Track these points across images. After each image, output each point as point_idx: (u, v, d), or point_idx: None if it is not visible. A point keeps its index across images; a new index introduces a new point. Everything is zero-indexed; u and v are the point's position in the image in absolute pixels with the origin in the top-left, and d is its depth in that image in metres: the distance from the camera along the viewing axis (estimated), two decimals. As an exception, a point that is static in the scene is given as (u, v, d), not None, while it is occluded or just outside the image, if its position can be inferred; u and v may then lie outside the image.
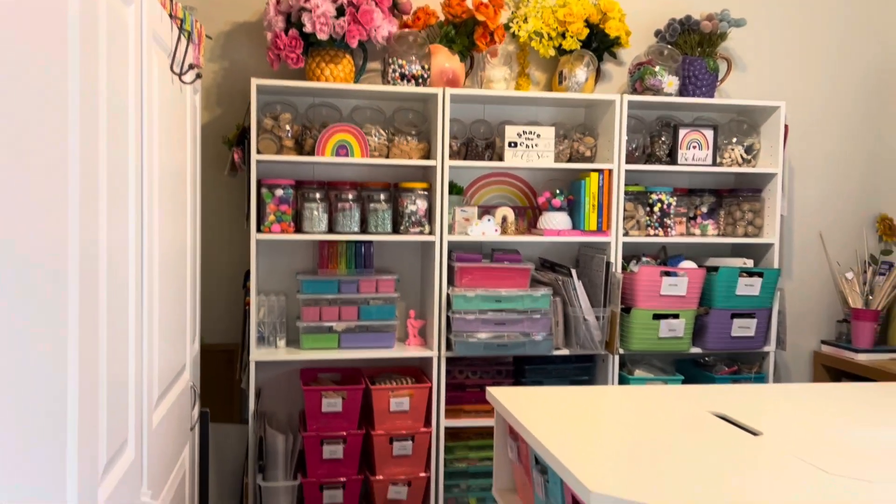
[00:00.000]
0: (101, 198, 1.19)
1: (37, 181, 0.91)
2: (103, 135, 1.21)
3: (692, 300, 3.08)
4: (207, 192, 3.07)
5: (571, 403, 1.96)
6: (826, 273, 3.62)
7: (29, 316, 0.90)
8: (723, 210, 3.32)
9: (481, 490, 3.08)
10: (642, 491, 1.34)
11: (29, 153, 0.89)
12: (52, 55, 0.97)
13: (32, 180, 0.90)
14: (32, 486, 0.90)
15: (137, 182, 1.48)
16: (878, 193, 3.65)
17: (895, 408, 1.97)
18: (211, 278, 3.11)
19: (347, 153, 2.87)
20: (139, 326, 1.50)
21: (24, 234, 0.88)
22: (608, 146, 3.09)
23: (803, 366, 3.62)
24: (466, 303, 2.92)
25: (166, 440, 1.79)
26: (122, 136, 1.36)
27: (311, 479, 2.81)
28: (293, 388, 3.13)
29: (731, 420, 1.82)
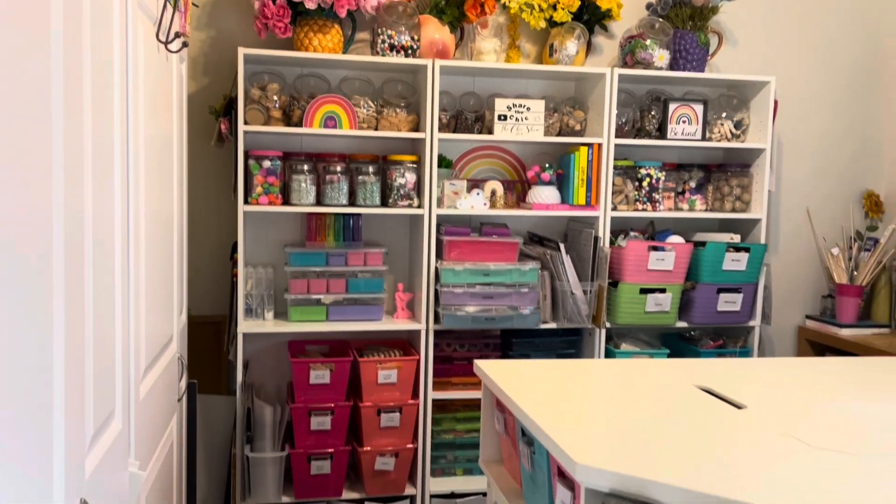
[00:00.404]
0: (86, 168, 1.18)
1: (20, 151, 0.90)
2: (88, 104, 1.19)
3: (679, 275, 3.10)
4: (194, 163, 3.04)
5: (558, 376, 1.98)
6: (812, 249, 3.65)
7: (13, 287, 0.89)
8: (711, 185, 3.33)
9: (468, 461, 3.11)
10: (627, 462, 1.36)
11: (11, 123, 0.88)
12: (35, 23, 0.95)
13: (15, 150, 0.89)
14: (19, 458, 0.89)
15: (123, 152, 1.46)
16: (864, 170, 3.67)
17: (877, 382, 2.00)
18: (198, 250, 3.10)
19: (336, 125, 2.85)
20: (125, 297, 1.49)
21: (8, 205, 0.87)
22: (598, 120, 3.08)
23: (788, 340, 3.65)
24: (455, 276, 2.92)
25: (154, 411, 1.79)
26: (108, 106, 1.34)
27: (299, 449, 2.83)
28: (281, 360, 3.13)
29: (715, 393, 1.84)
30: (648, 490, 1.27)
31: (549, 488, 1.64)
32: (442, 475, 3.10)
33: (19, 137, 0.90)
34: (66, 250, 1.06)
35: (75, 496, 1.10)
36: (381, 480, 2.92)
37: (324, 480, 2.86)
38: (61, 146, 1.04)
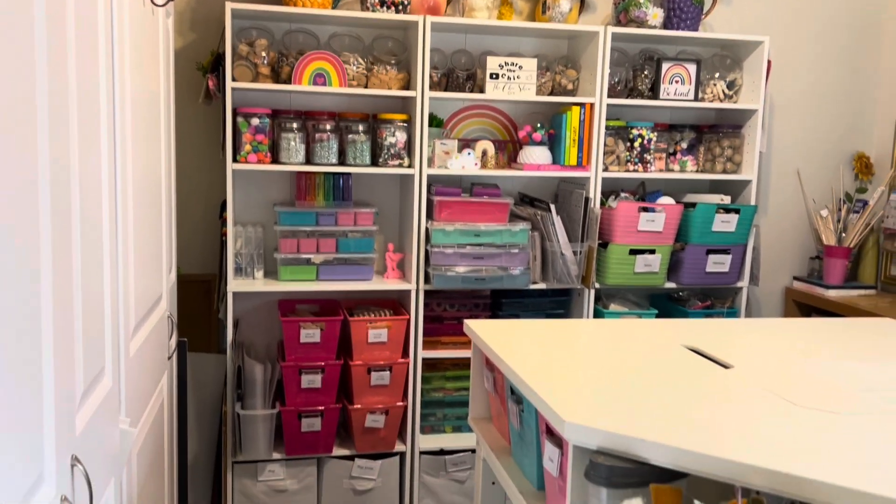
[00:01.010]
0: (71, 124, 1.16)
1: (3, 106, 0.88)
2: (72, 58, 1.17)
3: (669, 236, 3.11)
4: (182, 120, 3.01)
5: (547, 336, 1.99)
6: (801, 210, 3.66)
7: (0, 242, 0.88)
8: (702, 146, 3.32)
9: (457, 419, 3.15)
10: (615, 421, 1.37)
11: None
12: (15, -30, 0.93)
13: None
14: (9, 414, 0.89)
15: (109, 108, 1.44)
16: (856, 132, 3.66)
17: (862, 342, 2.02)
18: (187, 208, 3.08)
19: (325, 82, 2.81)
20: (114, 255, 1.48)
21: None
22: (591, 79, 3.06)
23: (775, 301, 3.68)
24: (445, 237, 2.92)
25: (144, 369, 1.79)
26: (92, 61, 1.31)
27: (290, 407, 2.85)
28: (271, 318, 3.14)
29: (702, 353, 1.86)
30: (635, 447, 1.29)
31: (538, 446, 1.66)
32: (431, 432, 3.13)
33: (2, 92, 0.88)
34: (52, 207, 1.04)
35: (66, 453, 1.11)
36: (371, 437, 2.95)
37: (314, 437, 2.89)
38: (46, 102, 1.02)
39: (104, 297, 1.40)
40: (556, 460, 1.49)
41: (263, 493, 2.91)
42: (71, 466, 1.13)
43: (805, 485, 1.14)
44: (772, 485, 1.17)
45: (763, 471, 1.18)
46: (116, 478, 1.49)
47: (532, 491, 1.71)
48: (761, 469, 1.18)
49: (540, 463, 1.67)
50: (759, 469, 1.18)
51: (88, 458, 1.22)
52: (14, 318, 0.91)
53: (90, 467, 1.21)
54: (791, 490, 1.15)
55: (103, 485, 1.37)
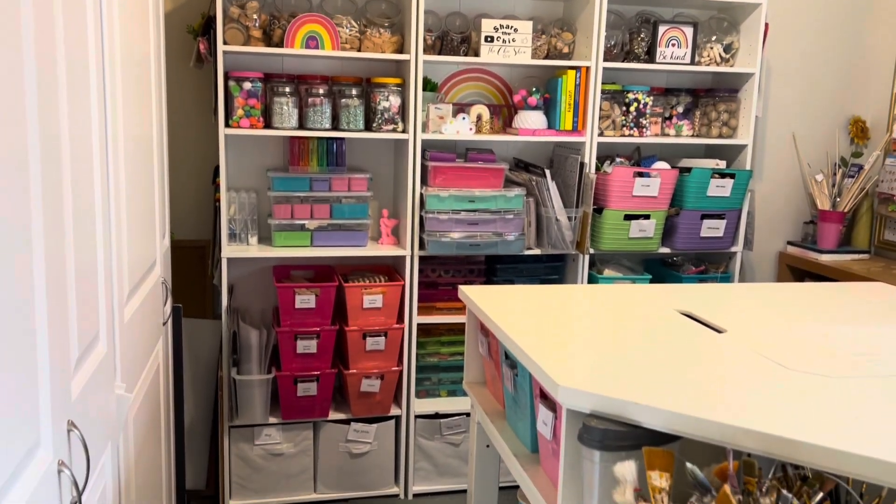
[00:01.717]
0: (60, 86, 1.14)
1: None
2: (59, 20, 1.14)
3: (664, 201, 3.10)
4: (173, 84, 2.97)
5: (541, 301, 2.00)
6: (797, 174, 3.65)
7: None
8: (698, 110, 3.30)
9: (452, 383, 3.17)
10: (608, 385, 1.38)
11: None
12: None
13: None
14: (4, 380, 0.89)
15: (98, 71, 1.42)
16: (852, 95, 3.64)
17: (854, 306, 2.04)
18: (179, 173, 3.06)
19: (318, 45, 2.77)
20: (106, 221, 1.47)
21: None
22: (586, 43, 3.02)
23: (769, 266, 3.70)
24: (440, 203, 2.91)
25: (139, 334, 1.80)
26: (80, 22, 1.29)
27: (286, 372, 2.86)
28: (266, 284, 3.14)
29: (696, 318, 1.87)
30: (629, 411, 1.30)
31: (532, 409, 1.68)
32: (426, 396, 3.16)
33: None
34: (42, 173, 1.03)
35: (63, 418, 1.11)
36: (366, 402, 2.97)
37: (310, 402, 2.91)
38: (33, 65, 1.00)
39: (97, 264, 1.40)
40: (550, 424, 1.51)
41: (260, 456, 2.94)
42: (67, 431, 1.13)
43: (796, 447, 1.15)
44: (763, 447, 1.18)
45: (754, 434, 1.19)
46: (113, 442, 1.50)
47: (526, 454, 1.73)
48: (753, 432, 1.19)
49: (534, 426, 1.68)
50: (751, 432, 1.19)
51: (85, 424, 1.23)
52: (6, 285, 0.91)
53: (86, 432, 1.21)
54: (782, 452, 1.17)
55: (100, 449, 1.38)
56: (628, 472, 1.18)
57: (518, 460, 1.70)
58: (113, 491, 1.51)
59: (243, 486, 2.95)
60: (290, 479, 2.99)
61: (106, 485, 1.44)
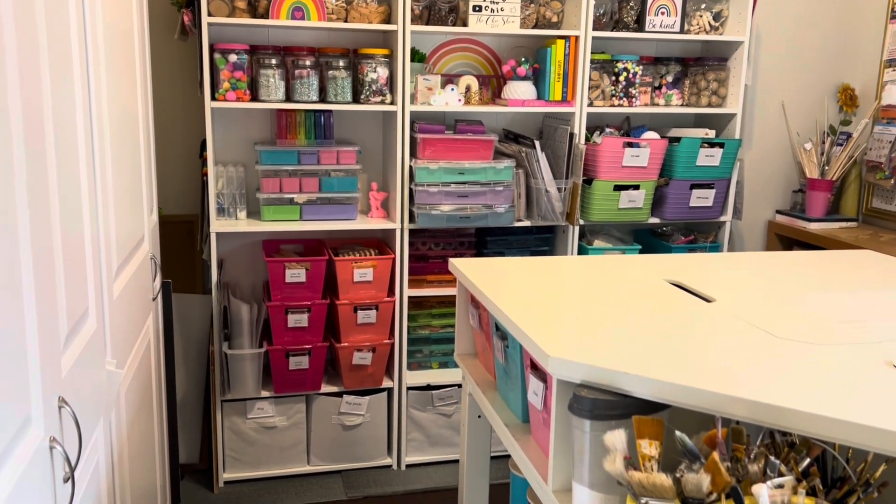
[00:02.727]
0: (42, 60, 1.13)
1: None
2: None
3: (653, 171, 3.10)
4: (158, 57, 2.93)
5: (531, 273, 2.00)
6: (785, 143, 3.65)
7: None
8: (688, 79, 3.29)
9: (443, 355, 3.18)
10: (598, 355, 1.39)
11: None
12: None
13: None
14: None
15: (80, 45, 1.40)
16: (841, 63, 3.64)
17: (842, 274, 2.05)
18: (166, 148, 3.03)
19: (303, 16, 2.74)
20: (93, 196, 1.46)
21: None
22: (575, 11, 3.00)
23: (757, 235, 3.71)
24: (429, 175, 2.89)
25: (129, 310, 1.79)
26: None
27: (277, 346, 2.87)
28: (256, 259, 3.13)
29: (685, 288, 1.87)
30: (619, 381, 1.31)
31: (522, 380, 1.69)
32: (418, 368, 3.17)
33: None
34: (26, 149, 1.02)
35: (53, 394, 1.11)
36: (358, 374, 2.99)
37: (302, 375, 2.92)
38: (13, 37, 0.98)
39: (84, 239, 1.39)
40: (541, 394, 1.52)
41: (253, 429, 2.95)
42: (58, 408, 1.13)
43: (783, 414, 1.17)
44: (751, 415, 1.20)
45: (742, 401, 1.20)
46: (105, 418, 1.51)
47: (517, 423, 1.74)
48: (741, 399, 1.20)
49: (525, 397, 1.69)
50: (739, 399, 1.20)
51: (75, 400, 1.23)
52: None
53: (77, 408, 1.22)
54: (770, 419, 1.18)
55: (92, 425, 1.38)
56: (618, 441, 1.19)
57: (509, 430, 1.71)
58: (106, 466, 1.51)
59: (237, 459, 2.96)
60: (284, 452, 3.01)
61: (99, 460, 1.45)
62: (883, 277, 2.03)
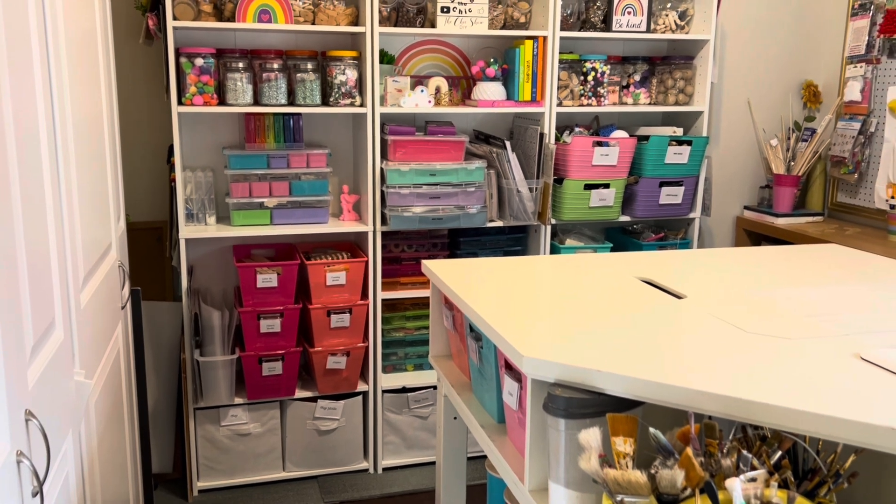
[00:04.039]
0: (1, 67, 1.10)
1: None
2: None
3: (623, 169, 3.12)
4: (123, 62, 2.90)
5: (505, 273, 2.00)
6: (752, 140, 3.70)
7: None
8: (655, 78, 3.32)
9: (418, 357, 3.18)
10: (572, 354, 1.39)
11: None
12: None
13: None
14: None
15: (42, 49, 1.37)
16: (804, 60, 3.69)
17: (810, 268, 2.08)
18: (133, 154, 2.99)
19: (270, 19, 2.72)
20: (57, 205, 1.43)
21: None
22: (543, 12, 3.01)
23: (726, 231, 3.76)
24: (401, 177, 2.89)
25: (97, 319, 1.76)
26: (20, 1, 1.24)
27: (250, 352, 2.84)
28: (226, 264, 3.10)
29: (656, 285, 1.89)
30: (593, 379, 1.32)
31: (497, 381, 1.69)
32: (393, 371, 3.16)
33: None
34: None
35: (19, 407, 1.09)
36: (333, 378, 2.97)
37: (276, 381, 2.89)
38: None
39: (49, 249, 1.36)
40: (516, 394, 1.52)
41: (227, 437, 2.92)
42: (25, 421, 1.11)
43: (754, 408, 1.18)
44: (723, 410, 1.21)
45: (714, 396, 1.21)
46: (74, 430, 1.48)
47: (493, 424, 1.74)
48: (712, 395, 1.21)
49: (500, 397, 1.69)
50: (711, 395, 1.21)
51: (43, 412, 1.20)
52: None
53: (45, 421, 1.19)
54: (741, 414, 1.19)
55: (60, 438, 1.35)
56: (593, 439, 1.20)
57: (485, 431, 1.71)
58: (76, 479, 1.49)
59: (211, 467, 2.93)
60: (259, 459, 2.98)
61: (68, 473, 1.42)
62: (848, 271, 2.06)
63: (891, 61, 3.26)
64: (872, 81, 3.34)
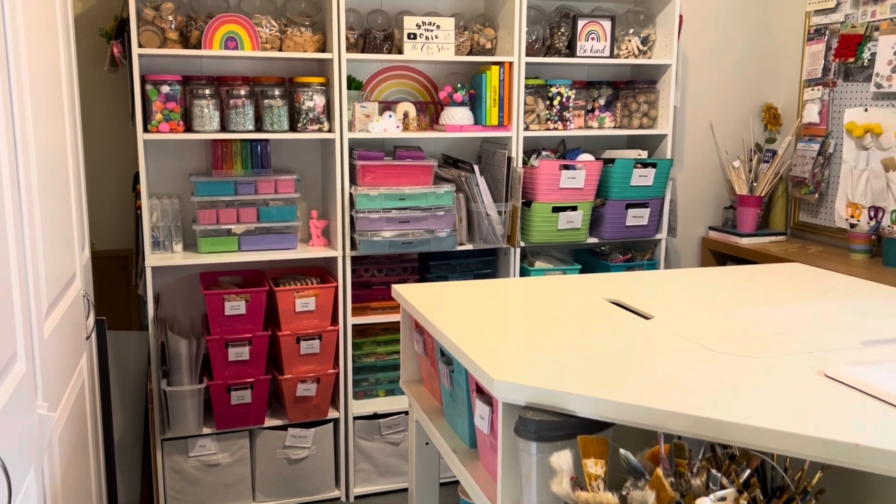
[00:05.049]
0: (-40, 96, 1.09)
1: None
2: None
3: (589, 192, 3.16)
4: (88, 90, 2.87)
5: (475, 297, 2.01)
6: (715, 161, 3.77)
7: None
8: (619, 102, 3.37)
9: (389, 382, 3.16)
10: (542, 376, 1.40)
11: None
12: None
13: None
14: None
15: (4, 77, 1.36)
16: (763, 83, 3.78)
17: (775, 287, 2.12)
18: (98, 182, 2.96)
19: (237, 46, 2.72)
20: (19, 234, 1.41)
21: None
22: (508, 38, 3.05)
23: (692, 251, 3.81)
24: (370, 202, 2.89)
25: (60, 350, 1.73)
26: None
27: (218, 381, 2.80)
28: (193, 292, 3.06)
29: (624, 306, 1.91)
30: (563, 401, 1.32)
31: (469, 405, 1.69)
32: (364, 397, 3.14)
33: None
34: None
35: (-21, 443, 1.06)
36: (303, 406, 2.94)
37: (245, 410, 2.85)
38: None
39: (11, 279, 1.34)
40: (487, 418, 1.52)
41: (195, 468, 2.87)
42: (-15, 457, 1.08)
43: (722, 427, 1.19)
44: (691, 429, 1.22)
45: (683, 416, 1.22)
46: (37, 464, 1.44)
47: (465, 449, 1.74)
48: (681, 415, 1.22)
49: (471, 421, 1.69)
50: (679, 415, 1.23)
51: (4, 447, 1.18)
52: None
53: (7, 456, 1.16)
54: (710, 433, 1.21)
55: (22, 473, 1.32)
56: (564, 462, 1.20)
57: (457, 456, 1.71)
58: (39, 515, 1.45)
59: (179, 499, 2.87)
60: (228, 490, 2.93)
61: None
62: (811, 289, 2.10)
63: (846, 84, 3.35)
64: (829, 104, 3.44)
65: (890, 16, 3.13)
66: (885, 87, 3.13)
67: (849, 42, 3.29)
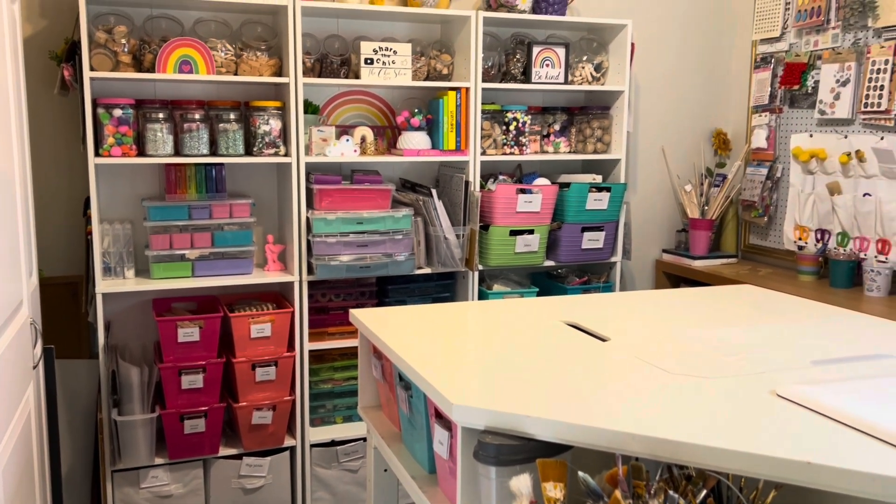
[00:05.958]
0: None
1: None
2: None
3: (546, 216, 3.19)
4: (37, 113, 2.82)
5: (433, 320, 2.00)
6: (667, 186, 3.85)
7: None
8: (574, 127, 3.43)
9: (347, 409, 3.13)
10: (501, 400, 1.40)
11: None
12: None
13: None
14: None
15: (-53, 101, 1.32)
16: (713, 109, 3.88)
17: (727, 309, 2.16)
18: (47, 207, 2.89)
19: (192, 69, 2.70)
20: (-37, 262, 1.36)
21: None
22: (465, 64, 3.08)
23: (646, 273, 3.87)
24: (327, 226, 2.87)
25: (5, 381, 1.67)
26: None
27: (171, 410, 2.74)
28: (145, 319, 3.00)
29: (581, 328, 1.92)
30: (522, 425, 1.32)
31: (428, 430, 1.67)
32: (322, 424, 3.10)
33: None
34: None
35: (-83, 479, 1.02)
36: (259, 434, 2.89)
37: (199, 439, 2.79)
38: None
39: (-47, 308, 1.29)
40: (446, 443, 1.51)
41: (147, 500, 2.79)
42: (-77, 494, 1.04)
43: (678, 448, 1.20)
44: (648, 450, 1.23)
45: (639, 437, 1.23)
46: (-21, 500, 1.39)
47: (424, 475, 1.72)
48: (638, 436, 1.23)
49: (430, 447, 1.68)
50: (636, 436, 1.23)
51: (-56, 483, 1.13)
52: None
53: (-53, 492, 1.12)
54: (666, 454, 1.22)
55: (-36, 509, 1.27)
56: (524, 486, 1.20)
57: (416, 482, 1.69)
58: (-19, 553, 1.39)
59: (130, 533, 2.79)
60: (181, 522, 2.85)
61: (-28, 547, 1.33)
62: (762, 310, 2.14)
63: (792, 111, 3.46)
64: (776, 129, 3.54)
65: (831, 45, 3.25)
66: (829, 113, 3.23)
67: (793, 70, 3.41)
